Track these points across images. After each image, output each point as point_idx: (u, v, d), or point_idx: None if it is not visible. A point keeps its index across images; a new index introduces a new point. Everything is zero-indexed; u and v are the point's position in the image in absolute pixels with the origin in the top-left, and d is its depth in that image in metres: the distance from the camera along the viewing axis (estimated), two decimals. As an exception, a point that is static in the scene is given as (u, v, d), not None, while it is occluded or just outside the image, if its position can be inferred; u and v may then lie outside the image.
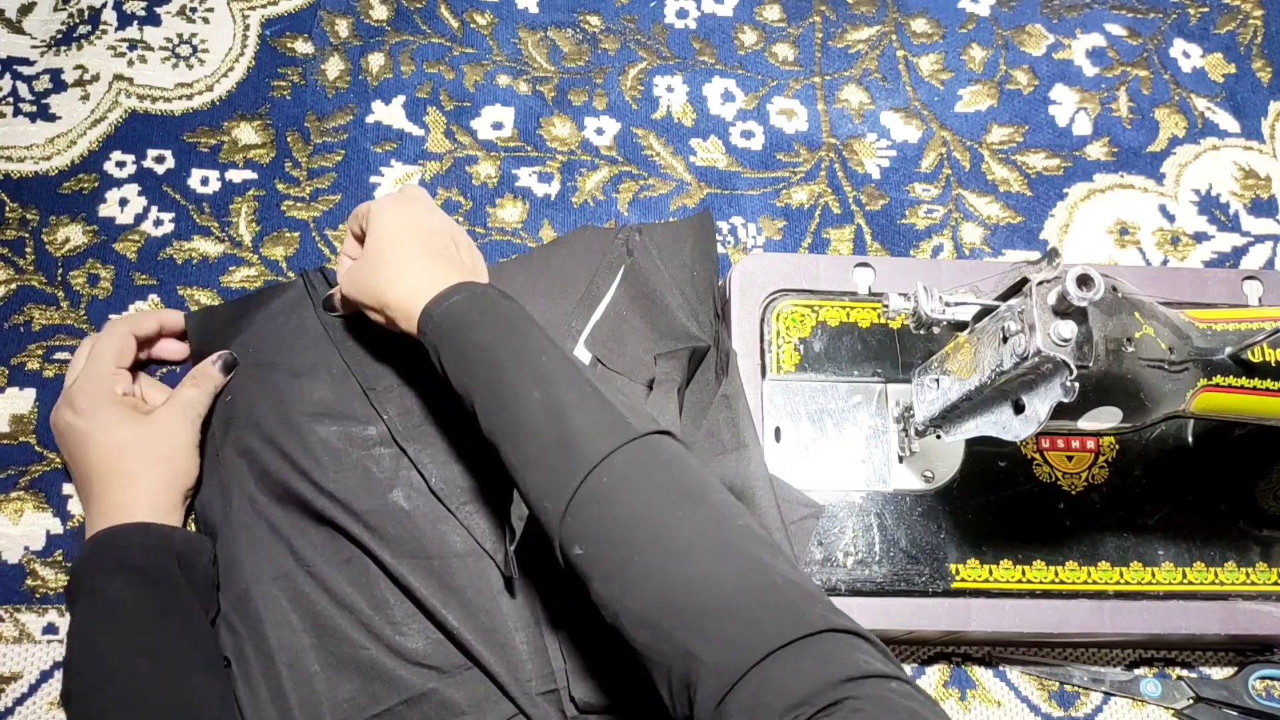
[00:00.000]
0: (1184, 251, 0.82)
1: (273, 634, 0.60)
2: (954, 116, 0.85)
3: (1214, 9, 0.91)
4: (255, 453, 0.64)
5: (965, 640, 0.69)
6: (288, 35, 0.82)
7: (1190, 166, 0.85)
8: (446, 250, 0.62)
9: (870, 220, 0.81)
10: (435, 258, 0.60)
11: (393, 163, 0.79)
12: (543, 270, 0.73)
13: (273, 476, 0.64)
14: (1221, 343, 0.54)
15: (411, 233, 0.61)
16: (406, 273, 0.59)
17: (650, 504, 0.47)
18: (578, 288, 0.72)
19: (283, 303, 0.70)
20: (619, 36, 0.85)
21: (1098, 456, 0.67)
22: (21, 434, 0.69)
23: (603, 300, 0.71)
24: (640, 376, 0.67)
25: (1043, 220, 0.82)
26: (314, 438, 0.64)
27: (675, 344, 0.68)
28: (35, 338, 0.71)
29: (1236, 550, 0.66)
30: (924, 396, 0.60)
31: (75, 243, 0.74)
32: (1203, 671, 0.70)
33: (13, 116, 0.77)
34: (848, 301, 0.69)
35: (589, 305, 0.71)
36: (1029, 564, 0.64)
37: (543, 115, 0.82)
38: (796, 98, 0.84)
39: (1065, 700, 0.68)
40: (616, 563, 0.47)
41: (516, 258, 0.75)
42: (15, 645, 0.65)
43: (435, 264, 0.60)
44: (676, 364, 0.67)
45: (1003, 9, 0.89)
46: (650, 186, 0.80)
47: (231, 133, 0.78)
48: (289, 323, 0.69)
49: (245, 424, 0.65)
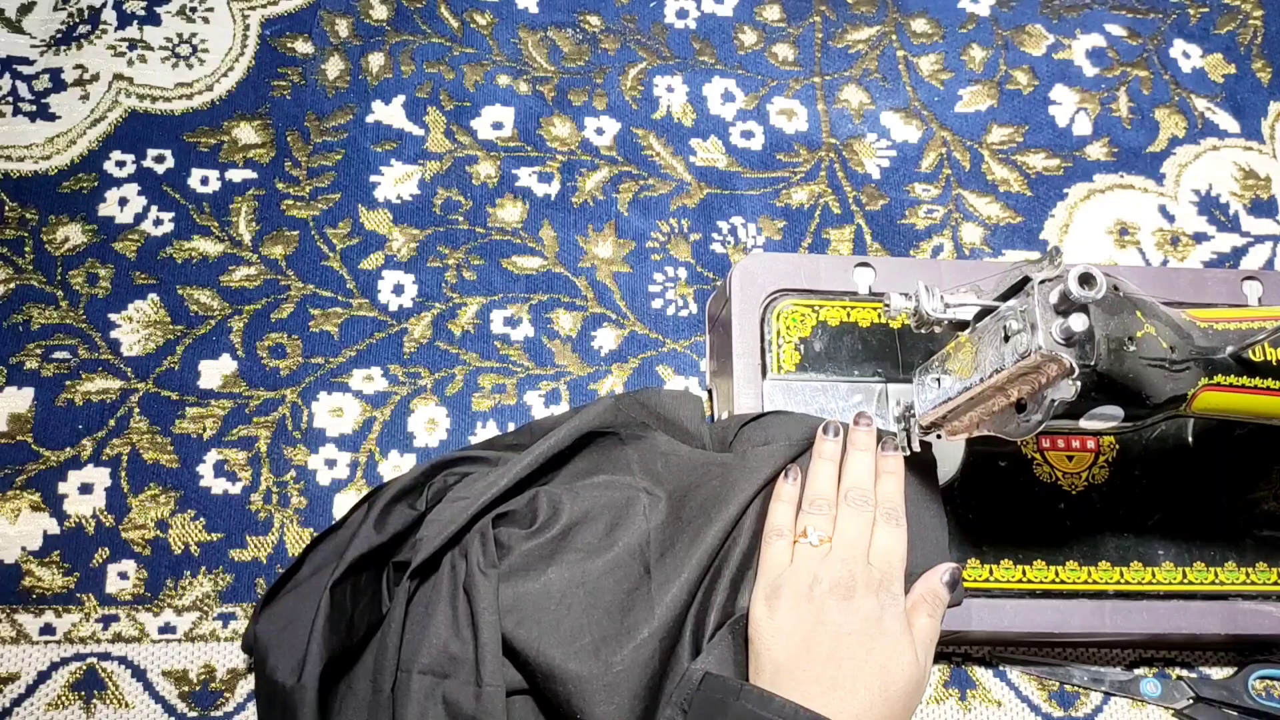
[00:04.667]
0: (1184, 252, 0.82)
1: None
2: (954, 116, 0.85)
3: (1214, 9, 0.91)
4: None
5: (965, 640, 0.68)
6: (288, 35, 0.82)
7: (1190, 167, 0.85)
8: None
9: (870, 220, 0.81)
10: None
11: (393, 162, 0.79)
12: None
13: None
14: (1223, 342, 0.54)
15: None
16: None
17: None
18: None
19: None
20: (619, 36, 0.85)
21: (1098, 456, 0.67)
22: (19, 433, 0.69)
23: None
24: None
25: (1043, 220, 0.82)
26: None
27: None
28: (34, 337, 0.71)
29: (1236, 550, 0.66)
30: (925, 396, 0.60)
31: (75, 242, 0.74)
32: (1202, 671, 0.70)
33: (12, 116, 0.77)
34: (848, 301, 0.69)
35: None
36: (1029, 564, 0.64)
37: (543, 115, 0.82)
38: (796, 98, 0.84)
39: (1065, 700, 0.68)
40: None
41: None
42: (13, 646, 0.65)
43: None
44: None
45: (1003, 9, 0.89)
46: (650, 186, 0.80)
47: (231, 132, 0.78)
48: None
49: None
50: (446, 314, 0.75)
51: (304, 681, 0.55)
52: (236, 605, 0.67)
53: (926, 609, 0.57)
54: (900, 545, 0.58)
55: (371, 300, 0.75)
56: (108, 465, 0.69)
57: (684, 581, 0.58)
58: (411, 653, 0.57)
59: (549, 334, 0.75)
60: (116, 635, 0.66)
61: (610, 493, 0.62)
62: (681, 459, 0.64)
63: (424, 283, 0.76)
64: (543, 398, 0.74)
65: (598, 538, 0.60)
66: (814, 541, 0.57)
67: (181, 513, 0.69)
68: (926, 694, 0.68)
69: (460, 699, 0.55)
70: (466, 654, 0.57)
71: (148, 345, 0.72)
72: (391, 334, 0.74)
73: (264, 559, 0.68)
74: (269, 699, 0.57)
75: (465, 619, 0.58)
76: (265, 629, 0.59)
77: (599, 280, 0.77)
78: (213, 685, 0.65)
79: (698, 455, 0.64)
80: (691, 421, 0.66)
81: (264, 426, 0.71)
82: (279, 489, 0.70)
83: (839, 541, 0.57)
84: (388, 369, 0.73)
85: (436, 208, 0.78)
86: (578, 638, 0.56)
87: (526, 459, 0.62)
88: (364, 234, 0.77)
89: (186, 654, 0.66)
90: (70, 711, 0.64)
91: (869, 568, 0.56)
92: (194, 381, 0.72)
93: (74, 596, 0.66)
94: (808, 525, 0.58)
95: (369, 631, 0.60)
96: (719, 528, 0.60)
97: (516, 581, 0.58)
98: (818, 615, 0.54)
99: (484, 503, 0.61)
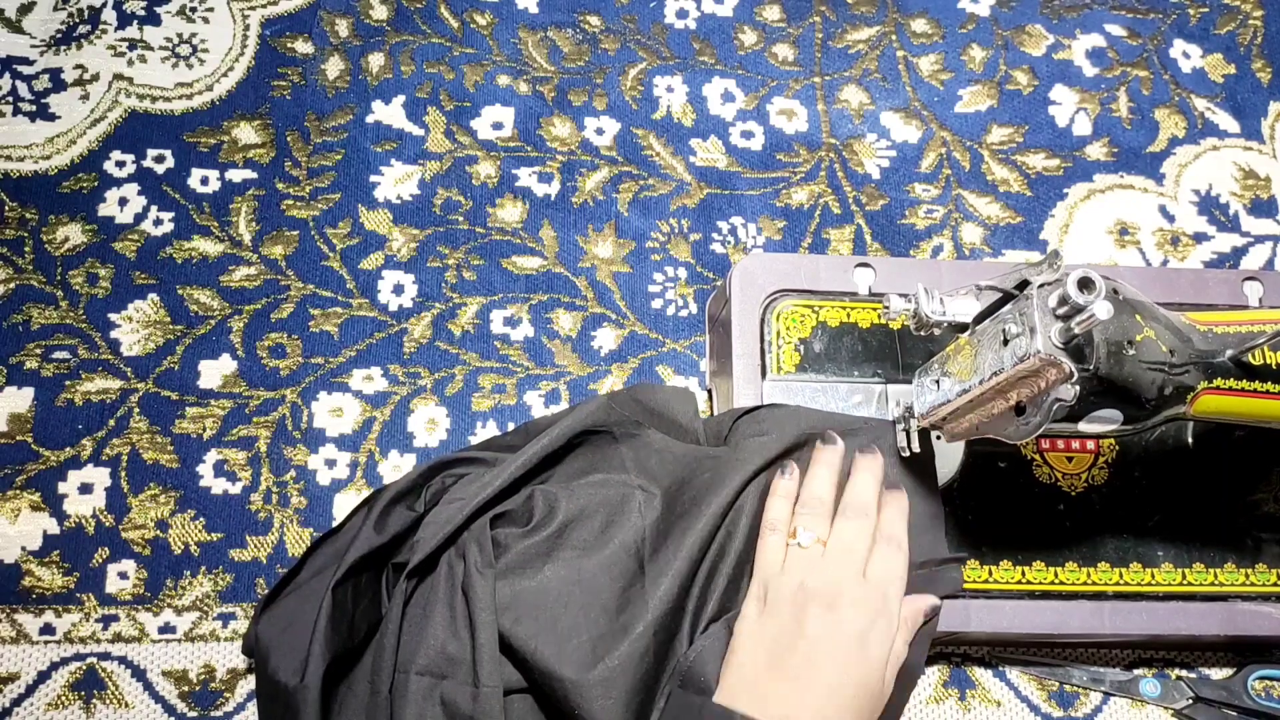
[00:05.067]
0: (1184, 252, 0.82)
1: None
2: (954, 117, 0.85)
3: (1214, 9, 0.91)
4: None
5: (965, 640, 0.69)
6: (288, 35, 0.82)
7: (1190, 167, 0.85)
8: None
9: (870, 220, 0.80)
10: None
11: (393, 162, 0.79)
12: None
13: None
14: (1222, 345, 0.54)
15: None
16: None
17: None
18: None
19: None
20: (619, 36, 0.85)
21: (1097, 457, 0.67)
22: (19, 433, 0.69)
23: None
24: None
25: (1043, 220, 0.82)
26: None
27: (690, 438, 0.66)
28: (34, 337, 0.71)
29: (1236, 551, 0.66)
30: (924, 398, 0.60)
31: (74, 242, 0.74)
32: (1202, 672, 0.70)
33: (12, 116, 0.77)
34: (848, 302, 0.69)
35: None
36: (1029, 565, 0.64)
37: (543, 115, 0.82)
38: (796, 98, 0.84)
39: (1065, 700, 0.68)
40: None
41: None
42: (12, 645, 0.65)
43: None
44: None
45: (1003, 9, 0.89)
46: (650, 186, 0.80)
47: (231, 132, 0.78)
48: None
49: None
50: (446, 314, 0.75)
51: (307, 682, 0.55)
52: (236, 605, 0.67)
53: (904, 635, 0.56)
54: (900, 568, 0.57)
55: (371, 300, 0.75)
56: (108, 465, 0.69)
57: (675, 573, 0.58)
58: (409, 654, 0.57)
59: (549, 334, 0.75)
60: (116, 635, 0.66)
61: (605, 490, 0.62)
62: (675, 455, 0.64)
63: (424, 283, 0.76)
64: (543, 398, 0.74)
65: (593, 535, 0.60)
66: (804, 542, 0.57)
67: (181, 513, 0.69)
68: (925, 694, 0.68)
69: (458, 699, 0.56)
70: (464, 655, 0.57)
71: (148, 345, 0.72)
72: (391, 334, 0.74)
73: (264, 559, 0.68)
74: (271, 700, 0.57)
75: (463, 620, 0.58)
76: (266, 630, 0.60)
77: (599, 280, 0.77)
78: (213, 685, 0.65)
79: (691, 450, 0.64)
80: (686, 416, 0.66)
81: (264, 426, 0.71)
82: (279, 489, 0.70)
83: (833, 548, 0.57)
84: (388, 369, 0.73)
85: (436, 208, 0.78)
86: (574, 635, 0.56)
87: (520, 459, 0.62)
88: (364, 234, 0.77)
89: (186, 654, 0.66)
90: (70, 711, 0.64)
91: (863, 582, 0.55)
92: (194, 381, 0.72)
93: (74, 596, 0.66)
94: (799, 525, 0.58)
95: (369, 632, 0.60)
96: (709, 518, 0.60)
97: (514, 579, 0.58)
98: (798, 625, 0.53)
99: (479, 503, 0.61)
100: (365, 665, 0.59)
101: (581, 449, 0.65)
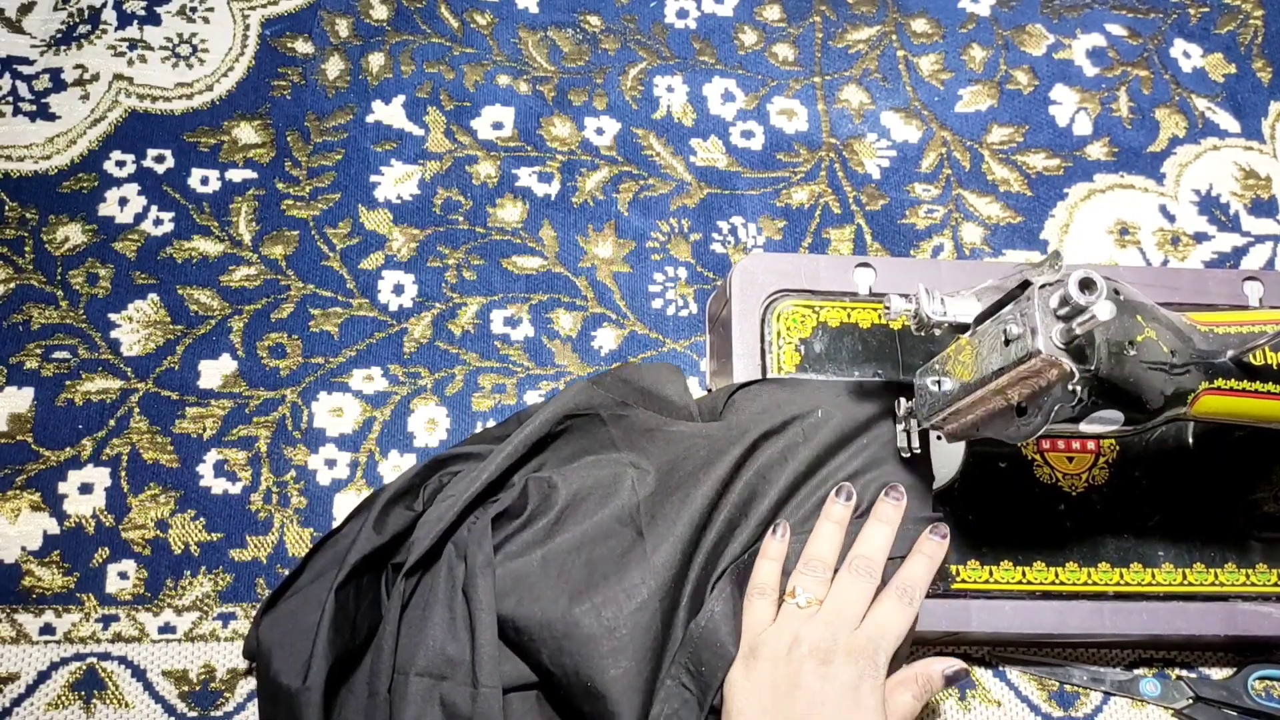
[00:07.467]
0: (1184, 252, 0.82)
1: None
2: (954, 116, 0.85)
3: (1214, 9, 0.91)
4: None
5: (965, 641, 0.69)
6: (288, 35, 0.82)
7: (1190, 166, 0.85)
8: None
9: (870, 220, 0.80)
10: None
11: (393, 162, 0.79)
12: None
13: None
14: (1223, 346, 0.54)
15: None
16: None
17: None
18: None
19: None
20: (619, 36, 0.85)
21: (1098, 458, 0.67)
22: (19, 433, 0.69)
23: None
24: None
25: (1043, 220, 0.82)
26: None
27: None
28: (34, 337, 0.71)
29: (1236, 551, 0.66)
30: (924, 398, 0.60)
31: (75, 242, 0.74)
32: (1202, 672, 0.70)
33: (12, 116, 0.77)
34: (848, 302, 0.69)
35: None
36: (1029, 565, 0.64)
37: (543, 115, 0.82)
38: (796, 98, 0.84)
39: (1065, 700, 0.68)
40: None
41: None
42: (12, 645, 0.65)
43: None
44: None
45: (1003, 9, 0.89)
46: (650, 186, 0.80)
47: (231, 132, 0.78)
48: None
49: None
50: (446, 314, 0.75)
51: (310, 684, 0.55)
52: (236, 605, 0.67)
53: (914, 690, 0.55)
54: (904, 624, 0.56)
55: (371, 300, 0.75)
56: (108, 465, 0.69)
57: (676, 539, 0.58)
58: (408, 655, 0.57)
59: (549, 334, 0.75)
60: (116, 635, 0.66)
61: (598, 471, 0.62)
62: (667, 434, 0.64)
63: (424, 283, 0.76)
64: (543, 398, 0.74)
65: (589, 513, 0.61)
66: (801, 603, 0.56)
67: (181, 513, 0.69)
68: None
69: (457, 700, 0.56)
70: (463, 656, 0.57)
71: (148, 345, 0.72)
72: (391, 334, 0.74)
73: (264, 559, 0.68)
74: (273, 702, 0.57)
75: (462, 621, 0.58)
76: (268, 632, 0.60)
77: (599, 280, 0.77)
78: (213, 685, 0.65)
79: (683, 429, 0.64)
80: (676, 391, 0.67)
81: (264, 426, 0.71)
82: (279, 489, 0.70)
83: (830, 604, 0.56)
84: (388, 369, 0.73)
85: (436, 208, 0.78)
86: (579, 601, 0.56)
87: (507, 449, 0.63)
88: (364, 234, 0.77)
89: (186, 654, 0.66)
90: (70, 711, 0.64)
91: (854, 633, 0.55)
92: (194, 381, 0.72)
93: (74, 596, 0.66)
94: (798, 585, 0.57)
95: (370, 634, 0.60)
96: (708, 488, 0.60)
97: (514, 565, 0.59)
98: (793, 679, 0.53)
99: (469, 498, 0.61)
100: (365, 666, 0.59)
101: (569, 434, 0.65)
